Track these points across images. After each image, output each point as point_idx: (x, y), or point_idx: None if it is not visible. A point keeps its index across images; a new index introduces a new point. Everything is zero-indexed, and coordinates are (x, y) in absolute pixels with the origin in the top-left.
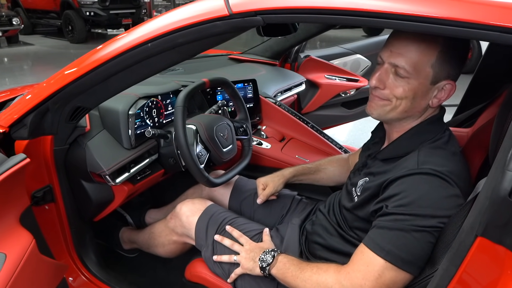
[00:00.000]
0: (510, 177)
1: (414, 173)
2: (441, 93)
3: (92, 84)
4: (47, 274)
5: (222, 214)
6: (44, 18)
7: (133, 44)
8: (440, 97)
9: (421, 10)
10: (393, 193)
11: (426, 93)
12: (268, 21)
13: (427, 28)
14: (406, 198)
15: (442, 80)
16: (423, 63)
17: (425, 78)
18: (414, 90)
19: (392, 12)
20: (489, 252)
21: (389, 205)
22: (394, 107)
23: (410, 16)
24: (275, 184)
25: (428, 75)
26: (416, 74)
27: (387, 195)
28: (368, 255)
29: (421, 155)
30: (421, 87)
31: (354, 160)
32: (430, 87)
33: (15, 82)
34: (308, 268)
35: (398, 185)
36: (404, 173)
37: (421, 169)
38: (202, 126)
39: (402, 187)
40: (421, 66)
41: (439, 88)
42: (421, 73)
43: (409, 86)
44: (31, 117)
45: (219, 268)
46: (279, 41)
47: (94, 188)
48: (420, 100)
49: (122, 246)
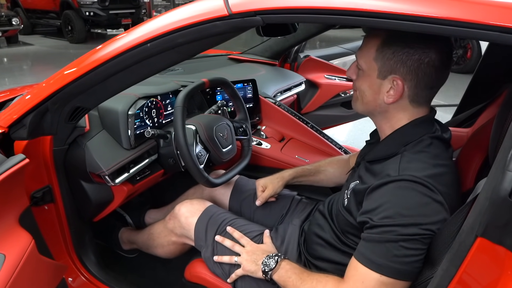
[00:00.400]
0: (510, 177)
1: (395, 180)
2: (393, 89)
3: (91, 84)
4: (47, 274)
5: (222, 215)
6: (43, 18)
7: (133, 44)
8: (392, 94)
9: (421, 10)
10: (377, 204)
11: (378, 88)
12: (268, 21)
13: (427, 28)
14: (390, 209)
15: (389, 75)
16: (368, 57)
17: (373, 71)
18: (366, 82)
19: (391, 12)
20: (489, 252)
21: (373, 218)
22: (359, 98)
23: (410, 16)
24: (274, 186)
25: (374, 68)
26: (365, 67)
27: (371, 207)
28: (362, 271)
29: (402, 161)
30: (370, 79)
31: (355, 161)
32: (378, 81)
33: (14, 82)
34: (308, 280)
35: (381, 195)
36: (385, 181)
37: (401, 175)
38: (201, 126)
39: (385, 198)
40: (367, 59)
41: (391, 84)
42: (368, 66)
43: (363, 78)
44: (30, 118)
45: (219, 269)
46: (279, 41)
47: (94, 189)
48: (374, 94)
49: (121, 247)
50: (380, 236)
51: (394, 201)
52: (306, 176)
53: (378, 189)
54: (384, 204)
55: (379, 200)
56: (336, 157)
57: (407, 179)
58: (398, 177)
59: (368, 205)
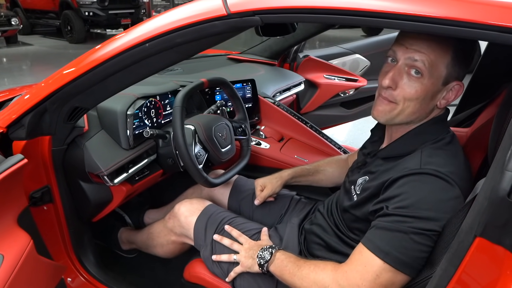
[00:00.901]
0: (509, 177)
1: (416, 173)
2: (449, 93)
3: (90, 84)
4: (45, 275)
5: (221, 214)
6: (43, 18)
7: (131, 44)
8: (448, 98)
9: (422, 10)
10: (394, 194)
11: (435, 94)
12: (266, 21)
13: (428, 28)
14: (407, 200)
15: (453, 81)
16: (438, 63)
17: (438, 78)
18: (426, 90)
19: (391, 11)
20: (488, 252)
21: (389, 206)
22: (401, 111)
23: (410, 16)
24: (273, 186)
25: (441, 75)
26: (430, 73)
27: (388, 195)
28: (367, 256)
29: (424, 155)
30: (432, 87)
31: (354, 160)
32: (441, 88)
33: (14, 83)
34: (306, 266)
35: (400, 186)
36: (406, 173)
37: (423, 169)
38: (200, 126)
39: (404, 188)
40: (437, 65)
41: (448, 89)
42: (435, 72)
43: (422, 86)
44: (29, 118)
45: (218, 268)
46: (278, 41)
47: (92, 189)
48: (429, 101)
49: (120, 247)
50: (391, 224)
51: (413, 193)
52: (305, 176)
53: (398, 181)
54: (401, 194)
55: (397, 190)
56: (335, 157)
57: (429, 173)
58: (420, 170)
59: (386, 195)
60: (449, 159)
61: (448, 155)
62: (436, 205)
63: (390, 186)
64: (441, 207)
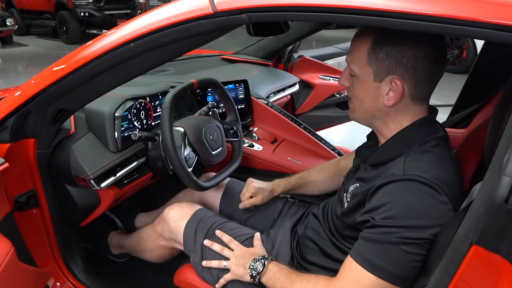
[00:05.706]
0: (506, 182)
1: (400, 179)
2: (392, 91)
3: (74, 85)
4: (27, 283)
5: (211, 219)
6: (38, 19)
7: (116, 44)
8: (392, 96)
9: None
10: (380, 203)
11: (376, 92)
12: (254, 20)
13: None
14: (393, 210)
15: (386, 77)
16: (360, 61)
17: (368, 76)
18: (362, 89)
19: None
20: (484, 261)
21: (375, 217)
22: (356, 107)
23: (402, 14)
24: (263, 198)
25: (369, 72)
26: (359, 72)
27: (373, 205)
28: (358, 271)
29: (408, 160)
30: (366, 84)
31: (346, 163)
32: (375, 85)
33: (9, 83)
34: (298, 281)
35: (385, 194)
36: (390, 179)
37: (406, 175)
38: (190, 128)
39: (389, 197)
40: (360, 64)
41: (389, 86)
42: (362, 71)
43: (358, 85)
44: (12, 120)
45: (208, 274)
46: (272, 41)
47: (79, 193)
48: (373, 99)
49: (111, 251)
50: (380, 236)
51: (398, 202)
52: (296, 189)
53: (381, 188)
54: (387, 204)
55: (382, 199)
56: (326, 164)
57: (413, 179)
58: (404, 176)
59: (371, 204)
60: (434, 163)
61: (434, 159)
62: (423, 212)
63: (374, 194)
64: (428, 214)
